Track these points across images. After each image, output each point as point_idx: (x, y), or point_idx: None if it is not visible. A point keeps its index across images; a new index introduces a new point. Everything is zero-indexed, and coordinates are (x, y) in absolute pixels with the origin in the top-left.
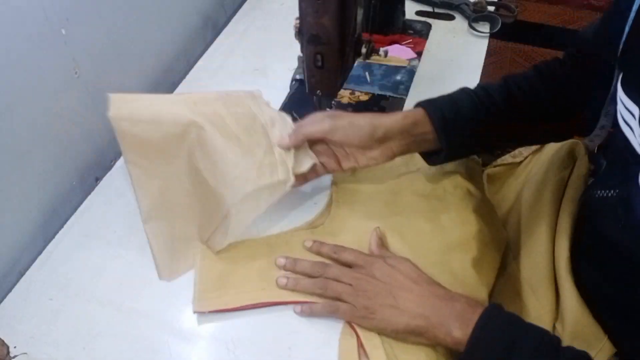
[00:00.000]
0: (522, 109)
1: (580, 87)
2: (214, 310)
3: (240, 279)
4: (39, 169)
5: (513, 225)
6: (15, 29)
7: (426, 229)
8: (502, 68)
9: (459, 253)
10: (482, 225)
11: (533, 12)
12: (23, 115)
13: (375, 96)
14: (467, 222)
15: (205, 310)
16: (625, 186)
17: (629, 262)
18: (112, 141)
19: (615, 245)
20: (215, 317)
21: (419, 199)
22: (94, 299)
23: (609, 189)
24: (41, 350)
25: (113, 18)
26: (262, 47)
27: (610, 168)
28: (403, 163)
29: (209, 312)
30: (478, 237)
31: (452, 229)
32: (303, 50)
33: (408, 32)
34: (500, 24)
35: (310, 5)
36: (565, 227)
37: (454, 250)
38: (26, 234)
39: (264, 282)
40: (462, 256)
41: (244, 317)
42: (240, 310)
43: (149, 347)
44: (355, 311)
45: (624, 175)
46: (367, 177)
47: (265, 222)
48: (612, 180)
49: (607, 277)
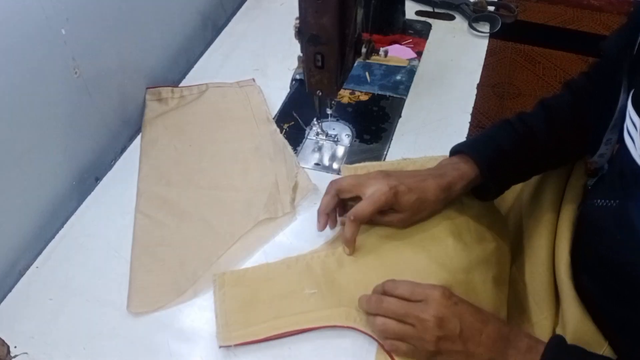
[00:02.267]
0: (562, 135)
1: (606, 100)
2: (240, 344)
3: (264, 306)
4: (39, 169)
5: (512, 230)
6: (15, 29)
7: (450, 246)
8: (503, 68)
9: (481, 271)
10: (499, 242)
11: (533, 12)
12: (23, 115)
13: (375, 96)
14: (485, 239)
15: (231, 344)
16: (625, 197)
17: (627, 273)
18: (112, 141)
19: (614, 255)
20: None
21: (439, 215)
22: (93, 299)
23: (609, 199)
24: (41, 350)
25: (113, 18)
26: (262, 47)
27: (612, 178)
28: None
29: (234, 346)
30: (496, 255)
31: (472, 245)
32: (303, 50)
33: (408, 32)
34: (500, 23)
35: (310, 5)
36: (565, 233)
37: (476, 268)
38: (26, 234)
39: (288, 308)
40: (484, 275)
41: None
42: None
43: (149, 347)
44: (416, 353)
45: (625, 186)
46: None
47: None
48: (613, 190)
49: (604, 285)
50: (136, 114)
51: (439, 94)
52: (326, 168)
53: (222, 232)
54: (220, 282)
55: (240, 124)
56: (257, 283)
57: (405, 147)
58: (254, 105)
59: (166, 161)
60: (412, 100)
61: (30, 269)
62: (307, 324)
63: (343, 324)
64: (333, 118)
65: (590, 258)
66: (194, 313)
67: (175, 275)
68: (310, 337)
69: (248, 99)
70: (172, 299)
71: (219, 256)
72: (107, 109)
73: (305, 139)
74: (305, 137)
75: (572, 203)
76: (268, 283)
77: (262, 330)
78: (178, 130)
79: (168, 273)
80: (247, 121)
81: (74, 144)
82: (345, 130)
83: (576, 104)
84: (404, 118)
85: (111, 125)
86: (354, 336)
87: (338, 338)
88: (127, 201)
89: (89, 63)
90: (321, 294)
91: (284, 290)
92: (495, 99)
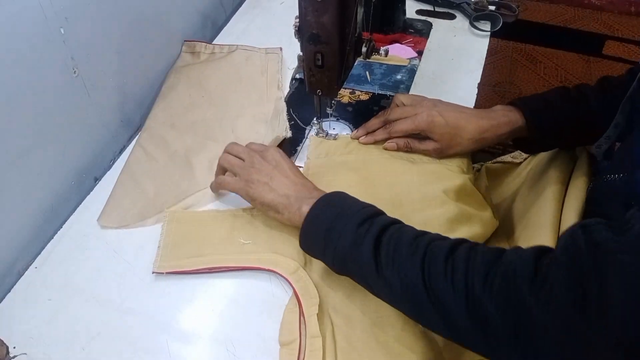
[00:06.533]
0: (613, 107)
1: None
2: (170, 272)
3: (201, 245)
4: (38, 169)
5: (510, 221)
6: (14, 28)
7: (405, 180)
8: (503, 67)
9: (439, 209)
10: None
11: (534, 11)
12: (21, 115)
13: (376, 95)
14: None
15: (163, 272)
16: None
17: None
18: (111, 141)
19: None
20: (215, 317)
21: (391, 159)
22: (92, 299)
23: (618, 173)
24: (40, 350)
25: (112, 17)
26: (261, 46)
27: (622, 153)
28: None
29: (166, 273)
30: (459, 201)
31: (430, 183)
32: (303, 50)
33: (409, 31)
34: (501, 22)
35: (310, 4)
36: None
37: (433, 206)
38: (25, 234)
39: (223, 248)
40: (441, 212)
41: (244, 317)
42: (197, 274)
43: (148, 347)
44: (237, 182)
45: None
46: (338, 163)
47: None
48: (622, 164)
49: None
50: (135, 113)
51: (440, 94)
52: None
53: (199, 177)
54: (170, 218)
55: (253, 87)
56: (202, 225)
57: None
58: (270, 73)
59: (177, 107)
60: None
61: (29, 269)
62: (234, 263)
63: (266, 267)
64: (333, 118)
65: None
66: (193, 313)
67: (146, 203)
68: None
69: (267, 65)
70: (137, 221)
71: (186, 196)
72: (106, 109)
73: (305, 138)
74: (305, 136)
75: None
76: (211, 226)
77: (193, 263)
78: (197, 82)
79: (141, 199)
80: (259, 85)
81: (72, 143)
82: (346, 130)
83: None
84: None
85: (110, 125)
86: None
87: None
88: None
89: (88, 62)
90: (254, 245)
91: (222, 235)
92: (496, 98)
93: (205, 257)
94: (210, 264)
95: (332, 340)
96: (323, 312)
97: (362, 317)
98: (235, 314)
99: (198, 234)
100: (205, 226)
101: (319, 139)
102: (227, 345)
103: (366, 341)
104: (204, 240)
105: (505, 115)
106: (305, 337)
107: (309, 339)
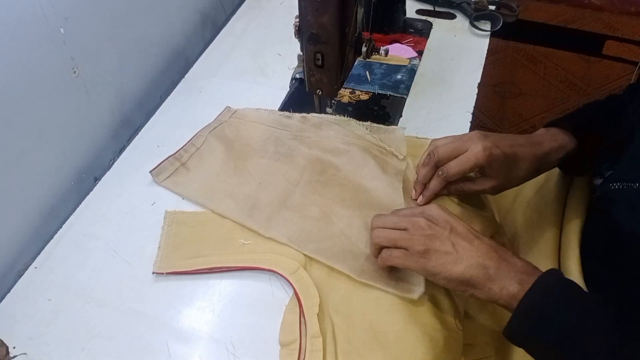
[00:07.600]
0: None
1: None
2: (171, 273)
3: (200, 245)
4: (38, 169)
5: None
6: (14, 28)
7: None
8: (504, 67)
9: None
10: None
11: (534, 11)
12: (21, 115)
13: (376, 95)
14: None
15: (163, 272)
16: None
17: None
18: (111, 141)
19: (629, 237)
20: (215, 317)
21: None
22: (92, 299)
23: (626, 182)
24: (40, 350)
25: (112, 17)
26: (261, 46)
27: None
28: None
29: (166, 274)
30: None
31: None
32: (303, 49)
33: (409, 31)
34: (501, 22)
35: (310, 3)
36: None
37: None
38: (25, 234)
39: (223, 249)
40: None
41: (244, 317)
42: (196, 274)
43: (148, 348)
44: (409, 257)
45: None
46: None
47: None
48: (631, 173)
49: (616, 267)
50: (135, 113)
51: (440, 93)
52: None
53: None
54: (170, 220)
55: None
56: (202, 225)
57: None
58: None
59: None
60: (413, 99)
61: (29, 269)
62: (234, 263)
63: (266, 267)
64: None
65: (601, 237)
66: (193, 313)
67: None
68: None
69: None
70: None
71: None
72: (106, 109)
73: None
74: None
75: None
76: (211, 227)
77: (193, 263)
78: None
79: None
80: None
81: (72, 143)
82: None
83: None
84: (405, 117)
85: (110, 125)
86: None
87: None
88: (126, 201)
89: (88, 62)
90: (254, 245)
91: (222, 235)
92: (496, 98)
93: (205, 257)
94: (210, 264)
95: (333, 341)
96: (323, 312)
97: (362, 317)
98: (235, 314)
99: (198, 235)
100: (205, 227)
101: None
102: (227, 345)
103: (366, 341)
104: (204, 241)
105: (553, 139)
106: (306, 337)
107: (310, 339)
